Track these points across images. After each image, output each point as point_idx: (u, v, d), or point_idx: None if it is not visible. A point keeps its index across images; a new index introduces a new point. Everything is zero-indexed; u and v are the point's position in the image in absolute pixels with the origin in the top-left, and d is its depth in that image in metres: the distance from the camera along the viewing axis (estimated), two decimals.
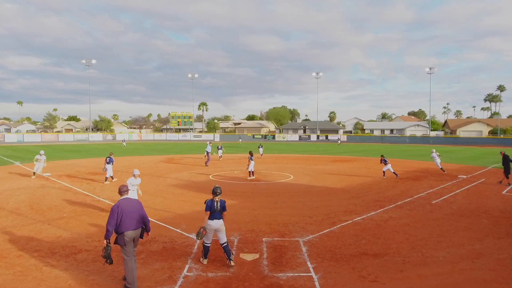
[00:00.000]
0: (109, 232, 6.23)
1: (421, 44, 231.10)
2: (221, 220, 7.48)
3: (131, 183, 11.02)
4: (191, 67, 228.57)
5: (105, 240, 6.27)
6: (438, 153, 22.57)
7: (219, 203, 7.44)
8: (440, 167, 22.21)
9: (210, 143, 29.76)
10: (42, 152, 20.80)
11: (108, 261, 6.35)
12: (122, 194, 6.66)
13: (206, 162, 26.91)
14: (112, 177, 18.75)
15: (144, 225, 6.65)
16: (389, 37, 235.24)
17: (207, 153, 27.59)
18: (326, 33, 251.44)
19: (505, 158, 17.48)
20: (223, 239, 7.47)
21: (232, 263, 7.39)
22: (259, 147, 34.74)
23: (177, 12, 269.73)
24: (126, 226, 6.29)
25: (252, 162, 19.86)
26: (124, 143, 55.64)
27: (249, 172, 19.71)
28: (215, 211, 7.39)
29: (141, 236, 6.66)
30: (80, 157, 33.86)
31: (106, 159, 18.66)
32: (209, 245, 7.54)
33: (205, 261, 7.57)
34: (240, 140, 69.11)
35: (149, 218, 6.79)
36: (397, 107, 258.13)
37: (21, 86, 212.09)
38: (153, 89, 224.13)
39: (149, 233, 6.83)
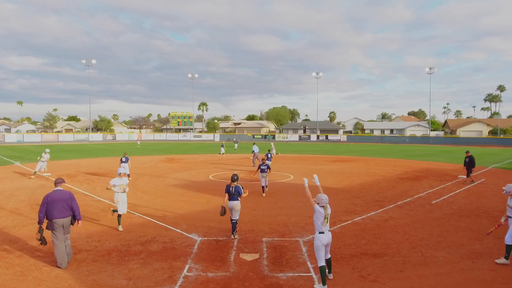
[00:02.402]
0: (39, 218, 7.30)
1: (421, 44, 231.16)
2: (237, 201, 9.16)
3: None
4: (191, 67, 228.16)
5: (38, 225, 7.36)
6: (273, 147, 30.49)
7: (234, 188, 9.17)
8: (275, 154, 29.84)
9: (272, 144, 29.34)
10: (47, 150, 21.11)
11: (42, 243, 7.46)
12: (56, 186, 7.64)
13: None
14: (128, 175, 18.86)
15: (74, 214, 7.52)
16: (388, 37, 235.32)
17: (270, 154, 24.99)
18: (325, 33, 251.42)
19: (472, 159, 18.06)
20: (235, 216, 9.19)
21: (233, 237, 9.10)
22: (235, 143, 38.75)
23: (176, 12, 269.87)
24: (54, 214, 7.25)
25: (264, 175, 15.04)
26: (139, 142, 55.84)
27: (262, 187, 15.16)
28: (231, 194, 9.15)
29: (72, 223, 7.54)
30: (80, 157, 33.85)
31: (121, 159, 19.22)
32: (234, 221, 9.20)
33: (232, 235, 9.17)
34: (234, 139, 70.96)
35: (79, 209, 7.63)
36: (397, 107, 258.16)
37: (21, 86, 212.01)
38: (152, 89, 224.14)
39: (80, 221, 7.68)
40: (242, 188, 9.33)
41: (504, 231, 9.90)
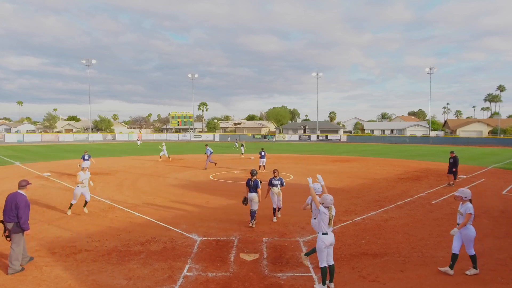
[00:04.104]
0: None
1: (420, 44, 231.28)
2: (255, 194, 10.10)
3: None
4: (191, 67, 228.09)
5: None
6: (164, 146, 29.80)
7: (253, 182, 10.13)
8: (167, 155, 29.81)
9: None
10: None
11: (8, 238, 7.22)
12: (18, 188, 7.38)
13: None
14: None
15: (18, 222, 7.07)
16: (388, 37, 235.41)
17: (264, 153, 24.18)
18: (325, 33, 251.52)
19: (456, 159, 17.27)
20: (254, 207, 10.18)
21: (251, 225, 10.16)
22: (235, 143, 35.84)
23: (176, 12, 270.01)
24: (3, 216, 7.14)
25: (275, 190, 11.07)
26: (139, 142, 55.90)
27: (273, 209, 11.24)
28: (250, 187, 10.13)
29: (18, 231, 7.05)
30: (80, 157, 33.82)
31: (83, 157, 19.87)
32: (253, 211, 10.20)
33: (250, 223, 10.22)
34: (229, 139, 72.37)
35: (24, 218, 7.04)
36: (397, 107, 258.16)
37: (21, 86, 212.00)
38: (152, 89, 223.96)
39: (26, 232, 7.15)
40: (260, 182, 10.35)
41: (505, 231, 9.93)
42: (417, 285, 6.50)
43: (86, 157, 19.89)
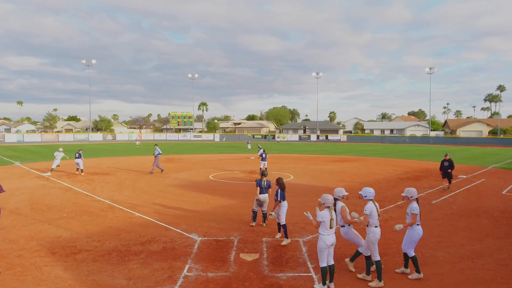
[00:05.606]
0: None
1: (420, 44, 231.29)
2: (267, 194, 10.04)
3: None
4: (190, 67, 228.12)
5: None
6: (62, 153, 22.26)
7: (265, 182, 10.02)
8: (55, 166, 21.77)
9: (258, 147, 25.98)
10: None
11: None
12: None
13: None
14: (81, 171, 21.19)
15: None
16: (387, 37, 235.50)
17: (265, 154, 22.86)
18: (324, 33, 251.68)
19: (452, 163, 16.11)
20: (265, 208, 10.17)
21: (264, 225, 10.23)
22: (248, 143, 36.32)
23: (175, 12, 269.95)
24: None
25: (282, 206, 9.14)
26: (138, 143, 55.97)
27: (279, 225, 9.29)
28: (262, 187, 9.97)
29: None
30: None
31: (75, 155, 21.42)
32: (256, 211, 10.25)
33: (253, 224, 10.25)
34: (224, 139, 73.15)
35: None
36: (396, 107, 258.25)
37: (21, 86, 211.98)
38: (152, 89, 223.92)
39: None
40: (270, 182, 10.29)
41: (505, 231, 9.93)
42: (417, 285, 6.50)
43: (77, 155, 21.10)
